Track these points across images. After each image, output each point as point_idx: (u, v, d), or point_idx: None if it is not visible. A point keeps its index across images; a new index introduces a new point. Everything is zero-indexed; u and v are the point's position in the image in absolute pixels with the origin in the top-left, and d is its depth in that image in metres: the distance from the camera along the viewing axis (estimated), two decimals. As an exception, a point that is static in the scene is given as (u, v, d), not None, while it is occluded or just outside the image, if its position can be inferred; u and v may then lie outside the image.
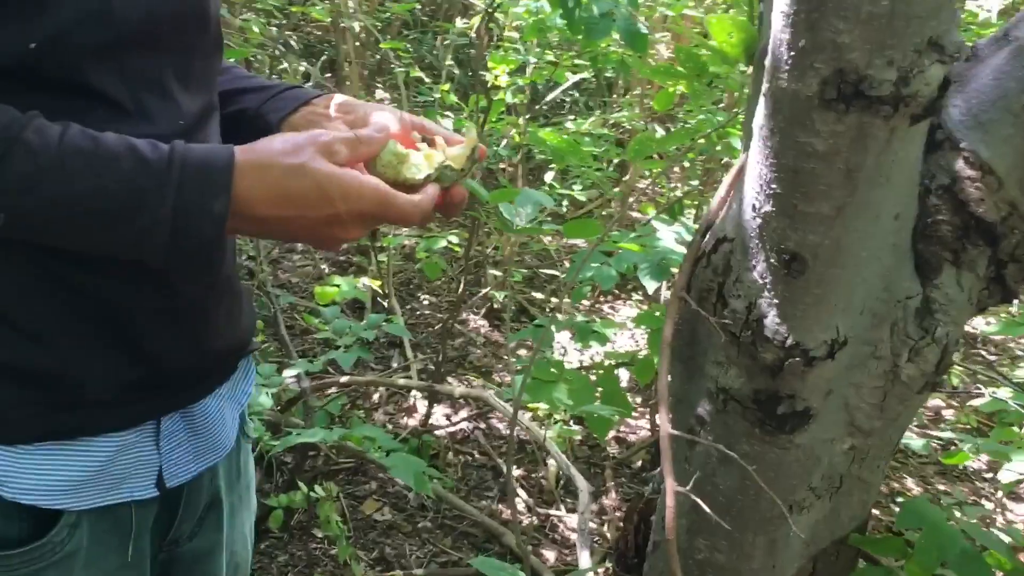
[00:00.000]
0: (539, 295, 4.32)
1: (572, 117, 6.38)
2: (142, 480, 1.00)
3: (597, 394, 2.35)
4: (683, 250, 2.22)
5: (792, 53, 1.01)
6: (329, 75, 6.09)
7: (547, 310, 4.17)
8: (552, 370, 2.44)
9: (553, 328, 2.56)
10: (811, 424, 1.24)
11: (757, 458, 1.27)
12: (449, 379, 3.77)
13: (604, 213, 5.10)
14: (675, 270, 3.70)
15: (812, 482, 1.31)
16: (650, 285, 2.10)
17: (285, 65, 6.42)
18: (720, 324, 1.22)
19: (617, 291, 4.57)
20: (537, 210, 1.62)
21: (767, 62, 1.05)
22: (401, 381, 2.86)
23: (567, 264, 4.68)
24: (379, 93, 6.56)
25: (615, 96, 5.83)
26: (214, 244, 0.84)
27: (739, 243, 1.18)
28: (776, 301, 1.16)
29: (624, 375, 3.61)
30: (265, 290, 3.00)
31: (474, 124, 1.20)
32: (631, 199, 4.22)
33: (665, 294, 3.56)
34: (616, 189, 5.07)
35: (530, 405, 3.08)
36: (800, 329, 1.16)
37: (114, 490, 0.97)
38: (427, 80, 4.16)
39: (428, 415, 3.40)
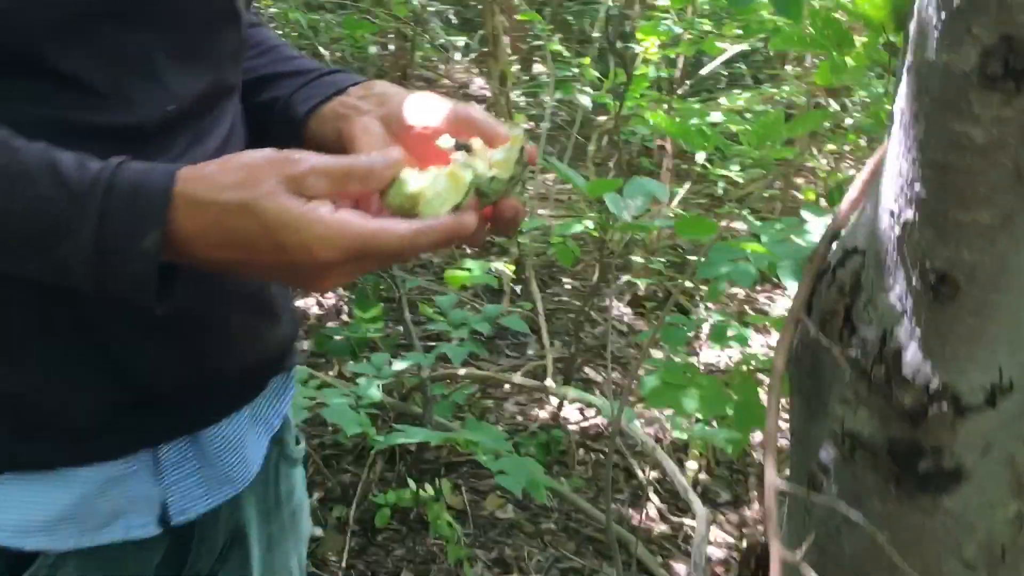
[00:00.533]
0: (690, 283, 4.06)
1: (739, 91, 6.02)
2: (141, 516, 0.88)
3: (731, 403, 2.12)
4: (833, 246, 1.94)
5: (943, 15, 0.76)
6: (487, 49, 5.98)
7: (695, 299, 3.91)
8: (686, 373, 2.22)
9: (688, 325, 2.33)
10: (963, 486, 0.99)
11: (893, 521, 1.03)
12: (586, 369, 3.59)
13: (766, 195, 4.76)
14: None
15: (965, 553, 1.05)
16: (791, 284, 1.85)
17: (442, 40, 6.38)
18: (847, 356, 0.98)
19: (776, 280, 4.23)
20: (649, 202, 1.41)
21: (911, 27, 0.81)
22: (516, 379, 2.71)
23: (721, 249, 4.38)
24: (536, 67, 6.41)
25: (787, 68, 5.43)
26: (151, 282, 0.69)
27: (872, 257, 0.95)
28: (918, 332, 0.92)
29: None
30: (389, 272, 2.91)
31: (520, 121, 0.95)
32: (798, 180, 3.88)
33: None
34: (780, 170, 4.71)
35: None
36: (949, 369, 0.91)
37: (103, 528, 0.86)
38: (566, 53, 3.95)
39: (560, 407, 3.23)
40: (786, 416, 1.15)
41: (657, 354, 3.36)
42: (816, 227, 2.00)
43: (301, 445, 1.13)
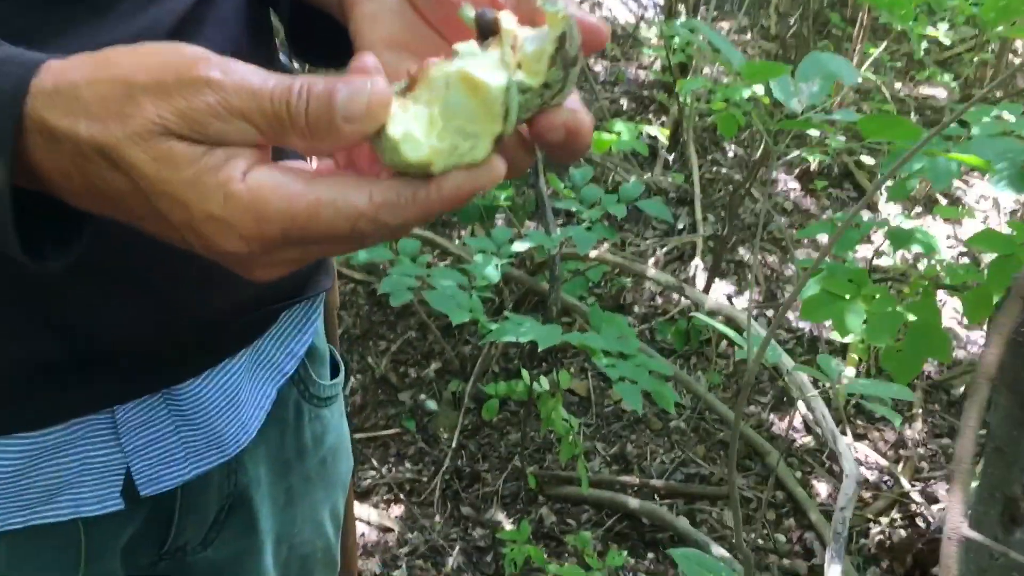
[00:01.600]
0: (869, 159, 3.57)
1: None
2: (95, 488, 0.69)
3: (904, 326, 1.77)
4: (1068, 146, 1.52)
5: None
6: None
7: (874, 177, 3.44)
8: (849, 281, 1.88)
9: (866, 223, 1.96)
10: None
11: None
12: (740, 249, 3.25)
13: (976, 60, 4.10)
14: None
15: None
16: (1007, 195, 1.46)
17: None
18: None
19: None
20: (830, 85, 1.07)
21: None
22: (651, 272, 2.40)
23: (914, 118, 3.84)
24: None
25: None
26: (6, 231, 0.45)
27: None
28: None
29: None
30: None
31: (567, 16, 0.45)
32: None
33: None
34: (999, 30, 4.02)
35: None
36: None
37: (43, 505, 0.67)
38: None
39: (707, 290, 2.93)
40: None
41: (822, 239, 2.97)
42: (1047, 120, 1.57)
43: (338, 378, 0.90)
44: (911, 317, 1.80)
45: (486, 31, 0.48)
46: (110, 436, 0.69)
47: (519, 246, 2.03)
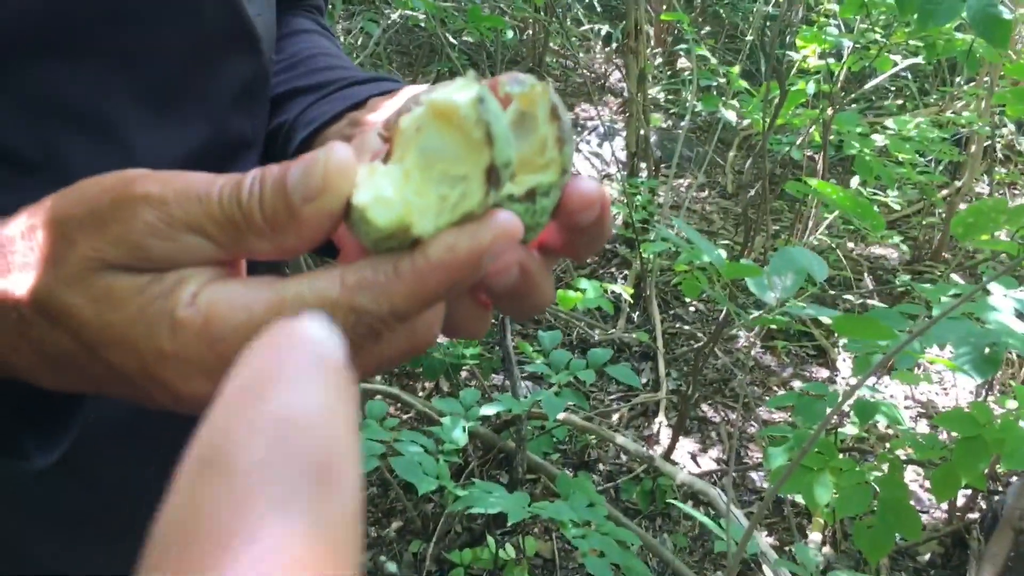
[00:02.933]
0: (827, 319, 3.65)
1: (900, 103, 5.49)
2: None
3: (874, 500, 1.77)
4: (1025, 330, 1.57)
5: None
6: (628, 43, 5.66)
7: (832, 339, 3.51)
8: (817, 452, 1.89)
9: (831, 398, 1.98)
10: None
11: None
12: (703, 407, 3.26)
13: (925, 223, 4.28)
14: (1009, 355, 2.89)
15: None
16: (973, 379, 1.49)
17: (588, 27, 6.07)
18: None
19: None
20: (800, 281, 1.10)
21: None
22: (620, 439, 2.40)
23: (868, 282, 3.96)
24: (681, 62, 6.02)
25: (958, 81, 4.88)
26: None
27: None
28: None
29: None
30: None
31: (544, 86, 0.38)
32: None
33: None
34: (943, 194, 4.22)
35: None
36: None
37: None
38: (713, 60, 3.57)
39: (671, 448, 2.92)
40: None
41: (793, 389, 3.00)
42: (1004, 304, 1.62)
43: None
44: (877, 488, 1.81)
45: None
46: None
47: (487, 410, 2.02)
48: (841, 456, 1.89)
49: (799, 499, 2.74)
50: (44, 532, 0.58)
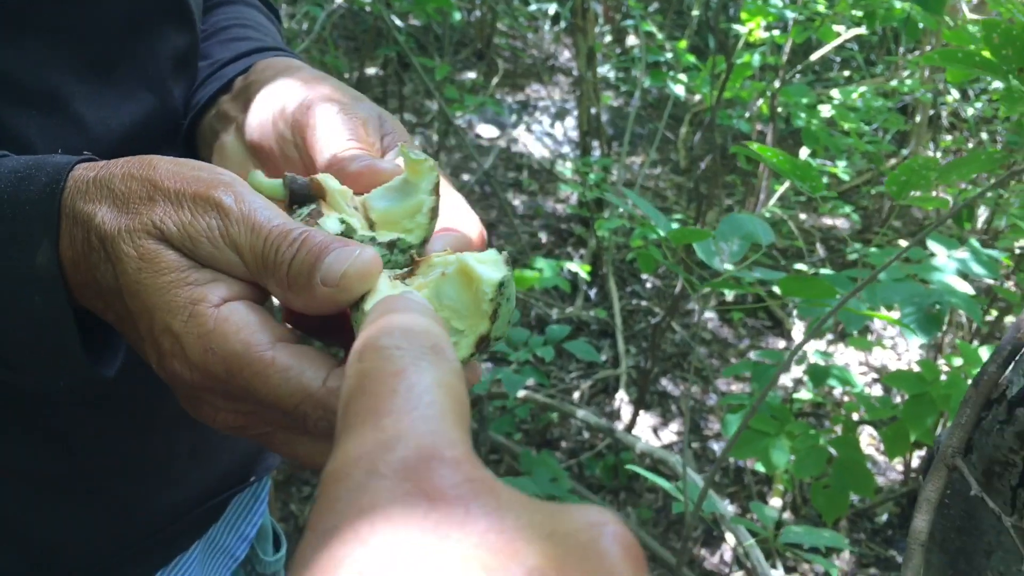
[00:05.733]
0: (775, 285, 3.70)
1: (847, 74, 5.56)
2: None
3: (829, 461, 1.80)
4: (967, 288, 1.61)
5: None
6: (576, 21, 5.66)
7: (787, 309, 3.56)
8: (772, 417, 1.92)
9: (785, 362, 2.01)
10: None
11: None
12: (663, 380, 3.29)
13: (873, 192, 4.34)
14: (959, 318, 2.95)
15: None
16: (917, 339, 1.52)
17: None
18: (1018, 528, 0.69)
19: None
20: (747, 246, 1.12)
21: None
22: (580, 413, 2.41)
23: (820, 252, 4.01)
24: (630, 39, 6.03)
25: (902, 51, 4.95)
26: (61, 315, 0.45)
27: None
28: None
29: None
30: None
31: (434, 164, 0.47)
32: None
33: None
34: (891, 164, 4.29)
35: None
36: None
37: None
38: (660, 36, 3.59)
39: (633, 423, 2.95)
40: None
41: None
42: (946, 264, 1.66)
43: (281, 552, 0.88)
44: (833, 451, 1.84)
45: (301, 197, 0.47)
46: None
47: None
48: (797, 420, 1.92)
49: (760, 468, 2.79)
50: (30, 497, 0.59)
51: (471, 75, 5.24)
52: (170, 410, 0.64)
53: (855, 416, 2.18)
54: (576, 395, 3.13)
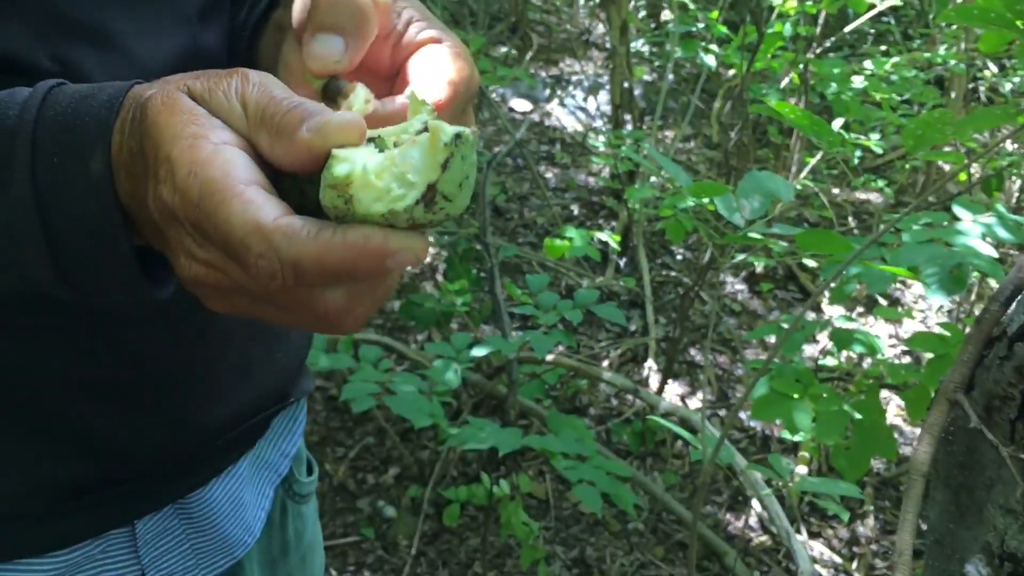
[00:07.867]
0: (812, 262, 3.71)
1: (883, 48, 5.50)
2: None
3: (851, 424, 1.83)
4: (991, 252, 1.62)
5: None
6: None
7: (816, 284, 3.57)
8: (796, 381, 1.95)
9: (810, 325, 2.04)
10: None
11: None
12: (691, 351, 3.33)
13: (908, 167, 4.32)
14: (977, 279, 2.95)
15: None
16: (938, 299, 1.55)
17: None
18: (1016, 458, 0.72)
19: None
20: (769, 203, 1.15)
21: None
22: (607, 375, 2.45)
23: (851, 224, 4.01)
24: (665, 14, 6.01)
25: (937, 26, 4.89)
26: (116, 225, 0.48)
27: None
28: None
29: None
30: (483, 240, 2.69)
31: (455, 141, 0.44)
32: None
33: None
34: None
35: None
36: None
37: None
38: (692, 6, 3.59)
39: (660, 391, 2.99)
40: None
41: (771, 341, 3.06)
42: (971, 228, 1.68)
43: (313, 476, 0.94)
44: (857, 415, 1.87)
45: (332, 94, 0.51)
46: (129, 549, 0.72)
47: (478, 352, 2.08)
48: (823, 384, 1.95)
49: (786, 435, 2.82)
50: (103, 409, 0.65)
51: (505, 50, 5.26)
52: (220, 327, 0.70)
53: (879, 381, 2.21)
54: (605, 363, 3.17)
